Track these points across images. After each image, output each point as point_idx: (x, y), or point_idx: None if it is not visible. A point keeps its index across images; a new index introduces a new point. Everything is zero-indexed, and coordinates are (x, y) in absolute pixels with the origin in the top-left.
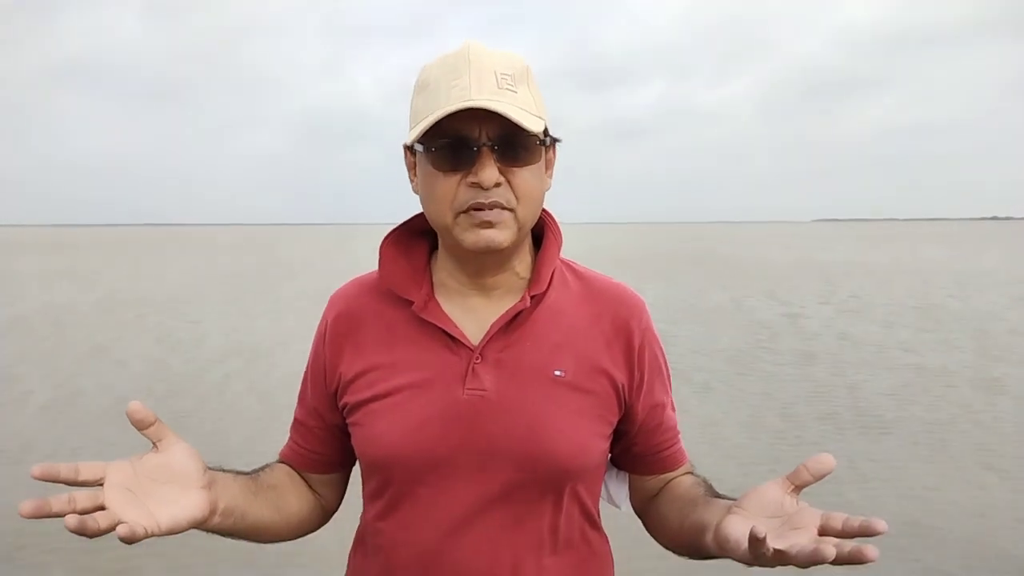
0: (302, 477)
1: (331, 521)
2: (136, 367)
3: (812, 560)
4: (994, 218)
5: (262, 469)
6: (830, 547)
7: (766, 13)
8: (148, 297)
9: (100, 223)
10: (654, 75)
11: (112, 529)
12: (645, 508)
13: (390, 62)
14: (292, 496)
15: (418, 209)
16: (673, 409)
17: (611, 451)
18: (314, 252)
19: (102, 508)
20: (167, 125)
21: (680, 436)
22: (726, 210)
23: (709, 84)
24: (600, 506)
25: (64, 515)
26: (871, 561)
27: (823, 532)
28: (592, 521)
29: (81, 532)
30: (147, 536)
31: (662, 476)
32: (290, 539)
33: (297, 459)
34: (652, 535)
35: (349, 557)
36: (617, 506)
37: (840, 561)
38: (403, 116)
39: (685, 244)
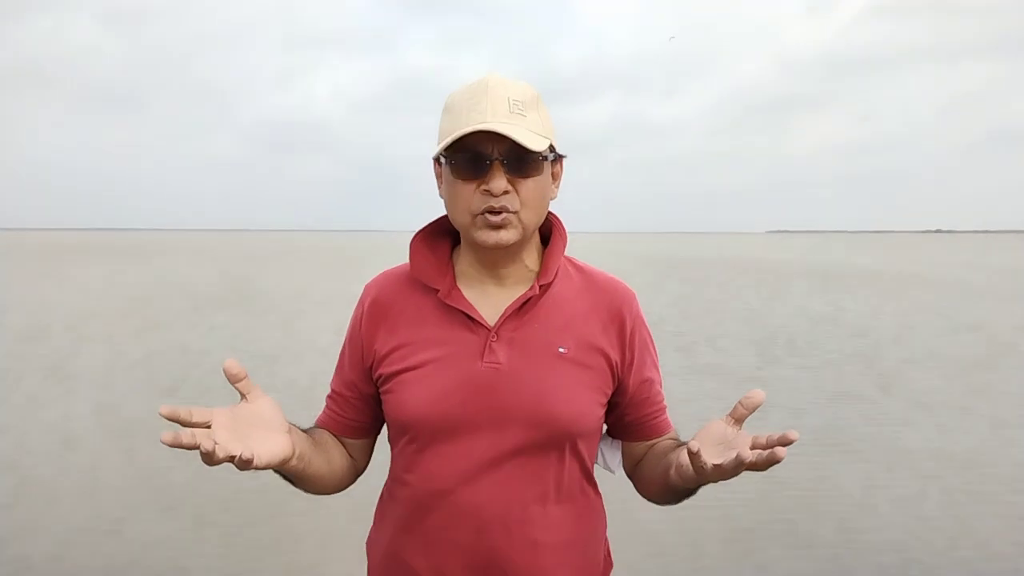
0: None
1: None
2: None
3: (737, 463)
4: (938, 231)
5: (311, 429)
6: (748, 451)
7: (713, 33)
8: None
9: (52, 227)
10: (606, 91)
11: (227, 459)
12: (634, 471)
13: (346, 75)
14: (336, 453)
15: (379, 218)
16: (660, 386)
17: (606, 421)
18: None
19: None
20: (123, 131)
21: (666, 409)
22: (681, 222)
23: (659, 100)
24: (596, 473)
25: (191, 447)
26: (781, 459)
27: (753, 448)
28: (589, 478)
29: (210, 457)
30: (254, 467)
31: (649, 442)
32: (333, 492)
33: (334, 425)
34: (639, 491)
35: (376, 509)
36: (612, 471)
37: (759, 463)
38: (359, 128)
39: (634, 249)
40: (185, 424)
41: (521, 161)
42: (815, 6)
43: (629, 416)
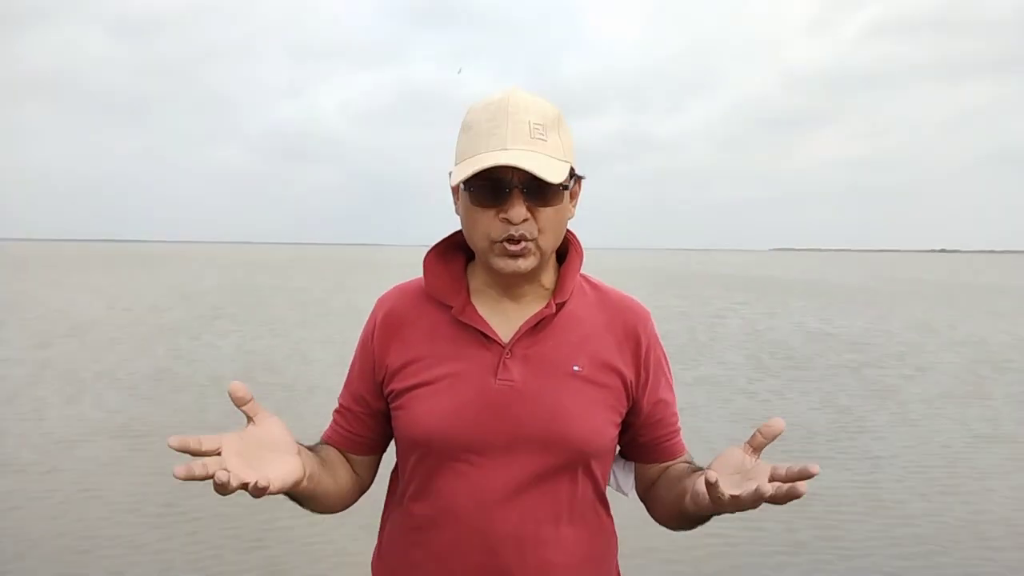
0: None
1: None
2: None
3: (756, 497)
4: (942, 250)
5: (316, 446)
6: (768, 485)
7: (718, 49)
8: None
9: (60, 238)
10: (612, 105)
11: (240, 487)
12: (647, 493)
13: (353, 87)
14: (342, 470)
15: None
16: (675, 407)
17: (620, 441)
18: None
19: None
20: (132, 141)
21: (680, 431)
22: (683, 239)
23: (665, 116)
24: (608, 495)
25: (204, 478)
26: (802, 494)
27: (772, 479)
28: (602, 499)
29: (224, 488)
30: (267, 493)
31: (663, 464)
32: (338, 510)
33: (341, 441)
34: (652, 515)
35: (381, 527)
36: (624, 494)
37: (779, 496)
38: (364, 138)
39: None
40: (195, 454)
41: (540, 190)
42: (817, 24)
43: (643, 437)
